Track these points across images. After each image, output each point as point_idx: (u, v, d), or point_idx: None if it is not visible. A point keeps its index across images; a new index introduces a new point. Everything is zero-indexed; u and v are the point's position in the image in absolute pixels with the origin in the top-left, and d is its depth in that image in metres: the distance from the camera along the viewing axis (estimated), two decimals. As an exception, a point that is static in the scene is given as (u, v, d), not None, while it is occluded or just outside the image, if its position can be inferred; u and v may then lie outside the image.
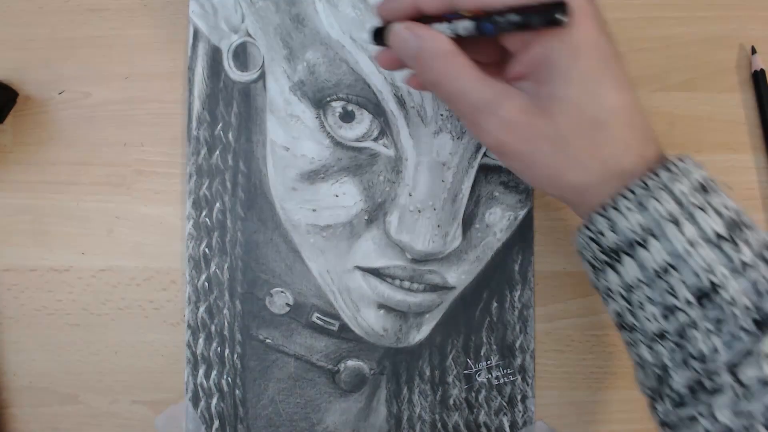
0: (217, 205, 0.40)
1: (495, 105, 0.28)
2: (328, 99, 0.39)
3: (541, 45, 0.27)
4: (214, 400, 0.39)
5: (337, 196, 0.39)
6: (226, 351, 0.39)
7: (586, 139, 0.27)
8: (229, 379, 0.39)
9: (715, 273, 0.25)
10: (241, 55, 0.40)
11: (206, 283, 0.39)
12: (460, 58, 0.28)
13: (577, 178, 0.28)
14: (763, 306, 0.24)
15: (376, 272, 0.39)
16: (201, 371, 0.39)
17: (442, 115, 0.39)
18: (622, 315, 0.28)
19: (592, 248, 0.28)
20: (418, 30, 0.29)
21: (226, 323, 0.39)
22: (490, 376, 0.39)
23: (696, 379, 0.25)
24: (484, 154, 0.39)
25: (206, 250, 0.39)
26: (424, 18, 0.29)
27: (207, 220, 0.40)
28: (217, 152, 0.40)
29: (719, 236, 0.25)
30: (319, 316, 0.39)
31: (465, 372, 0.39)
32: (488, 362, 0.39)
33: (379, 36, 0.31)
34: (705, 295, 0.25)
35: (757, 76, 0.40)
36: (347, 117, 0.39)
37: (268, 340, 0.39)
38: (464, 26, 0.28)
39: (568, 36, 0.26)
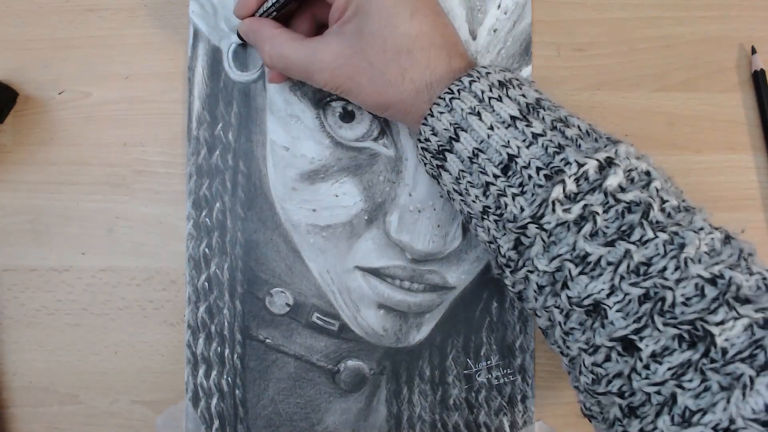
0: (217, 205, 0.40)
1: (314, 59, 0.33)
2: (328, 99, 0.39)
3: None
4: (214, 400, 0.39)
5: (337, 196, 0.39)
6: (226, 351, 0.39)
7: (395, 65, 0.32)
8: (229, 379, 0.39)
9: (511, 146, 0.29)
10: (241, 55, 0.40)
11: (206, 283, 0.39)
12: (281, 35, 0.35)
13: (396, 99, 0.33)
14: (552, 163, 0.28)
15: (376, 272, 0.39)
16: (201, 371, 0.39)
17: (442, 115, 0.39)
18: (462, 210, 0.33)
19: (428, 158, 0.33)
20: (253, 24, 0.36)
21: (226, 323, 0.39)
22: (490, 376, 0.39)
23: (515, 238, 0.29)
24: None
25: (206, 250, 0.39)
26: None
27: (207, 220, 0.40)
28: (217, 152, 0.40)
29: (513, 118, 0.30)
30: (319, 316, 0.39)
31: (465, 372, 0.39)
32: (488, 362, 0.39)
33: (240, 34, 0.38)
34: (507, 166, 0.29)
35: (757, 76, 0.40)
36: (347, 117, 0.39)
37: (268, 340, 0.39)
38: None
39: None
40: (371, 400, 0.40)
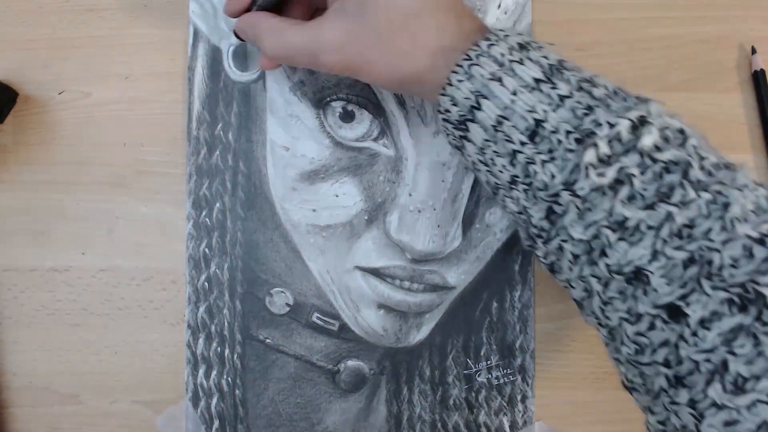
0: (217, 205, 0.40)
1: (319, 39, 0.32)
2: (328, 99, 0.39)
3: None
4: (214, 400, 0.39)
5: (337, 196, 0.39)
6: (226, 351, 0.39)
7: (404, 32, 0.30)
8: (229, 379, 0.39)
9: (536, 111, 0.28)
10: (241, 55, 0.40)
11: (206, 283, 0.39)
12: (280, 23, 0.33)
13: (409, 68, 0.31)
14: (581, 126, 0.27)
15: (376, 272, 0.39)
16: (201, 371, 0.39)
17: (442, 115, 0.39)
18: (488, 181, 0.31)
19: (449, 129, 0.31)
20: (249, 18, 0.35)
21: (226, 323, 0.39)
22: (490, 376, 0.39)
23: (547, 207, 0.28)
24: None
25: (206, 250, 0.39)
26: None
27: (207, 220, 0.40)
28: (217, 152, 0.40)
29: (537, 80, 0.28)
30: (319, 316, 0.39)
31: (465, 372, 0.39)
32: (488, 362, 0.39)
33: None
34: (534, 132, 0.28)
35: (757, 76, 0.40)
36: (347, 117, 0.39)
37: (268, 340, 0.39)
38: None
39: None
40: (371, 400, 0.40)
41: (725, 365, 0.23)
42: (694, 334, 0.24)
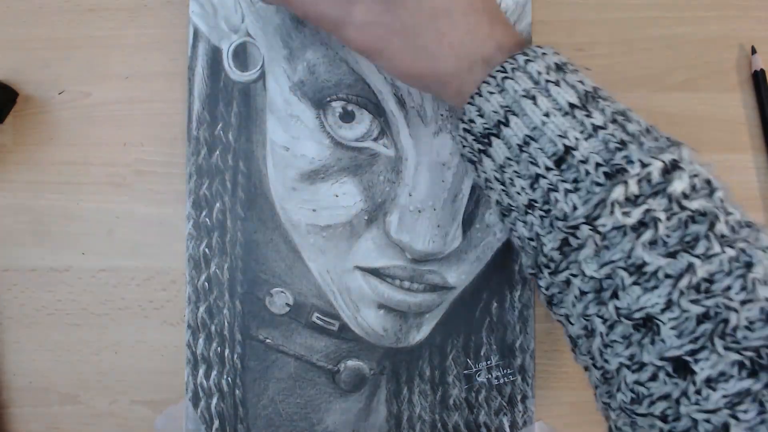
0: (217, 205, 0.40)
1: (346, 14, 0.30)
2: (328, 99, 0.39)
3: None
4: (214, 400, 0.39)
5: (337, 196, 0.39)
6: (226, 351, 0.39)
7: (431, 28, 0.29)
8: (229, 379, 0.39)
9: (568, 137, 0.26)
10: (241, 55, 0.40)
11: (206, 283, 0.39)
12: None
13: (431, 68, 0.30)
14: (612, 160, 0.26)
15: (376, 272, 0.39)
16: (201, 371, 0.39)
17: (442, 115, 0.39)
18: (501, 201, 0.30)
19: (468, 141, 0.30)
20: None
21: (226, 323, 0.39)
22: (490, 376, 0.39)
23: (562, 238, 0.26)
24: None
25: (206, 250, 0.39)
26: None
27: (207, 220, 0.40)
28: (217, 152, 0.40)
29: (572, 105, 0.27)
30: (319, 316, 0.39)
31: (465, 372, 0.39)
32: (488, 362, 0.39)
33: None
34: (561, 159, 0.27)
35: (757, 76, 0.40)
36: (347, 117, 0.39)
37: (268, 340, 0.39)
38: None
39: None
40: (371, 400, 0.40)
41: (726, 428, 0.23)
42: (698, 392, 0.23)
